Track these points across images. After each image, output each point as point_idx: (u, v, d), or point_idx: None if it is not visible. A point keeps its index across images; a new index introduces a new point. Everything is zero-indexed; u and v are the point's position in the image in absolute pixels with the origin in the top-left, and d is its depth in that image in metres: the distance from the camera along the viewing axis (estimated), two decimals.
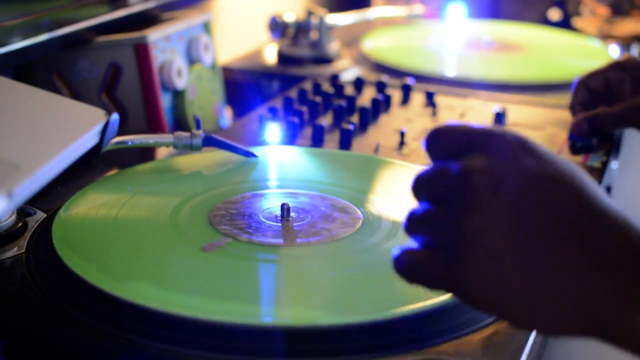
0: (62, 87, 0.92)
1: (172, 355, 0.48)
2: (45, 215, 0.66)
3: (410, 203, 0.46)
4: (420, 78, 1.10)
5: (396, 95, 1.02)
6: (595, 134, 0.86)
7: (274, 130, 0.81)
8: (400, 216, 0.64)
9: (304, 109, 0.92)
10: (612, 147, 0.87)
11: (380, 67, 1.17)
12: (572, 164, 0.45)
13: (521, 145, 0.44)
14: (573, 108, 0.90)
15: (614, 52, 1.27)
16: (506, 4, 1.69)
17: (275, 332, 0.49)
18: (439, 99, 1.02)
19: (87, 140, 0.62)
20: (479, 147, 0.45)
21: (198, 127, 0.74)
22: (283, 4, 1.51)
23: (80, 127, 0.61)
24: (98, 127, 0.63)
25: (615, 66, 0.88)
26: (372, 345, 0.49)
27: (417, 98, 1.02)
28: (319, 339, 0.49)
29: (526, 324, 0.43)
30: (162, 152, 0.83)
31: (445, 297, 0.52)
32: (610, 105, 0.86)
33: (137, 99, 0.92)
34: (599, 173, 0.80)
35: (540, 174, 0.43)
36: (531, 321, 0.43)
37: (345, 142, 0.84)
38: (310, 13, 1.22)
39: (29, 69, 0.91)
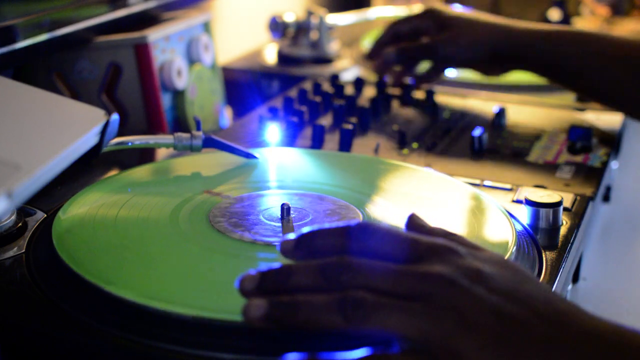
0: (62, 87, 0.92)
1: (172, 354, 0.48)
2: (45, 215, 0.66)
3: (411, 204, 0.46)
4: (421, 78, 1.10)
5: (396, 95, 1.02)
6: (399, 63, 1.03)
7: (274, 131, 0.81)
8: (400, 217, 0.64)
9: (304, 109, 0.92)
10: (612, 147, 0.87)
11: None
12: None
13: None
14: (375, 47, 1.06)
15: None
16: (506, 4, 1.69)
17: (275, 330, 0.48)
18: (439, 99, 1.01)
19: (87, 140, 0.62)
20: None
21: (198, 128, 0.74)
22: (283, 4, 1.51)
23: (80, 127, 0.61)
24: (98, 127, 0.63)
25: (423, 15, 1.03)
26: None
27: (417, 98, 1.02)
28: (317, 336, 0.49)
29: None
30: (162, 153, 0.83)
31: None
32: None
33: (137, 99, 0.92)
34: (599, 173, 0.80)
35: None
36: None
37: (345, 143, 0.84)
38: (310, 13, 1.22)
39: (29, 69, 0.91)
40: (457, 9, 1.04)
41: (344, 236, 0.49)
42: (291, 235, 0.50)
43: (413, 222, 0.53)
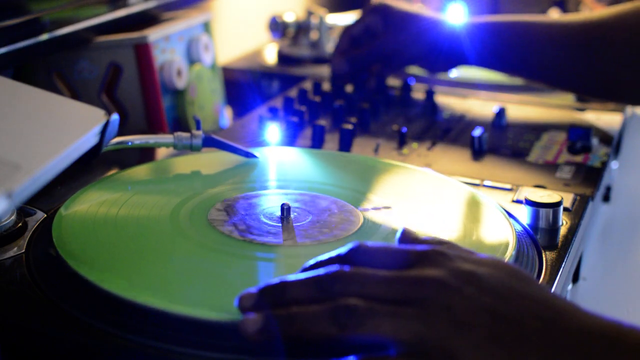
0: (62, 87, 0.92)
1: (172, 354, 0.48)
2: (45, 215, 0.66)
3: (410, 205, 0.46)
4: (420, 78, 1.10)
5: (396, 95, 1.02)
6: (354, 72, 1.02)
7: (274, 131, 0.81)
8: (399, 217, 0.64)
9: (304, 109, 0.92)
10: (612, 147, 0.87)
11: None
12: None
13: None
14: (334, 56, 1.04)
15: None
16: (506, 4, 1.69)
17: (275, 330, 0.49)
18: (439, 99, 1.02)
19: (87, 140, 0.62)
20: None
21: (198, 128, 0.74)
22: (283, 4, 1.51)
23: (80, 127, 0.61)
24: (98, 127, 0.63)
25: (372, 11, 1.03)
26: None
27: (417, 98, 1.02)
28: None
29: None
30: (162, 152, 0.83)
31: None
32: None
33: (137, 99, 0.92)
34: (599, 173, 0.80)
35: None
36: None
37: (345, 142, 0.84)
38: (310, 13, 1.22)
39: (29, 69, 0.91)
40: (404, 5, 1.04)
41: (340, 259, 0.50)
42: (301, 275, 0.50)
43: (405, 236, 0.53)
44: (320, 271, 0.48)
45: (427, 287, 0.45)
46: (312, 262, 0.51)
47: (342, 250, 0.50)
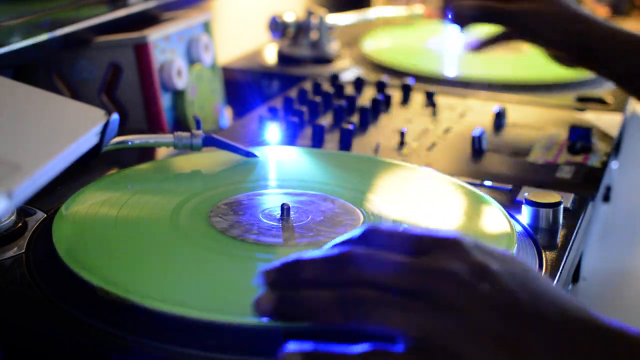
0: (62, 87, 0.92)
1: (171, 355, 0.48)
2: (45, 215, 0.66)
3: (410, 204, 0.46)
4: (420, 78, 1.10)
5: (396, 95, 1.02)
6: (475, 21, 0.93)
7: (274, 130, 0.81)
8: (400, 216, 0.64)
9: (304, 109, 0.92)
10: (612, 147, 0.87)
11: (380, 67, 1.17)
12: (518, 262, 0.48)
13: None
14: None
15: None
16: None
17: (275, 331, 0.49)
18: (439, 99, 1.02)
19: (87, 140, 0.62)
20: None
21: (198, 127, 0.74)
22: (283, 4, 1.51)
23: (80, 127, 0.61)
24: (98, 127, 0.63)
25: None
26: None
27: (417, 98, 1.02)
28: (314, 337, 0.49)
29: None
30: (162, 152, 0.83)
31: None
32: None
33: (137, 99, 0.92)
34: (599, 173, 0.80)
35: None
36: None
37: (345, 142, 0.84)
38: (310, 13, 1.22)
39: (29, 69, 0.91)
40: None
41: (353, 242, 0.49)
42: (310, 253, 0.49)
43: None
44: (334, 251, 0.48)
45: (439, 280, 0.45)
46: (329, 245, 0.51)
47: (356, 232, 0.49)
